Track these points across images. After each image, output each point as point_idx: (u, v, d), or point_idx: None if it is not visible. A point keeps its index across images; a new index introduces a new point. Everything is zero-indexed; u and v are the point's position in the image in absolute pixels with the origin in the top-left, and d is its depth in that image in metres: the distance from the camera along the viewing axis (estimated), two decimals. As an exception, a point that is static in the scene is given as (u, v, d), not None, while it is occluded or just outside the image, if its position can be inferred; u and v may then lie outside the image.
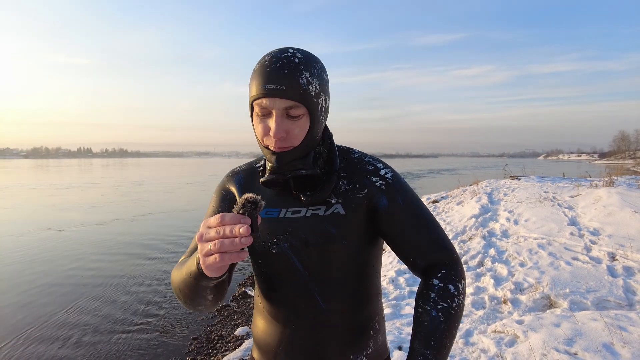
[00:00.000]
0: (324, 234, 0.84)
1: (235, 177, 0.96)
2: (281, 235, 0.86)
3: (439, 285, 0.83)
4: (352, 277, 0.88)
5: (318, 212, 0.85)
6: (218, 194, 0.96)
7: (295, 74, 0.77)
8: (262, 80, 0.77)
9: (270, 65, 0.78)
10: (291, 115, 0.79)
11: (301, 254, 0.86)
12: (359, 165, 0.90)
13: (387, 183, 0.87)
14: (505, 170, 12.16)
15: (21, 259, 7.17)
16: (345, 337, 0.89)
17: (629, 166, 23.53)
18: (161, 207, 14.27)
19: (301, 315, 0.88)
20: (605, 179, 8.24)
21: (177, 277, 0.80)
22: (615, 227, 4.93)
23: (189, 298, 0.79)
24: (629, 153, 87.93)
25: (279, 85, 0.76)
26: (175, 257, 7.41)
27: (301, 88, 0.77)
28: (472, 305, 3.53)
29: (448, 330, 0.78)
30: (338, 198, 0.86)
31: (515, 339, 2.76)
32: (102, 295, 5.36)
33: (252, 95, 0.80)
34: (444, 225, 6.77)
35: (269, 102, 0.78)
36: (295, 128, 0.80)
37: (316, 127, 0.83)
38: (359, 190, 0.87)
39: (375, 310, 0.93)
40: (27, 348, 3.95)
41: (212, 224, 0.64)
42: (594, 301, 3.29)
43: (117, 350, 3.92)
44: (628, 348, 2.33)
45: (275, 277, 0.89)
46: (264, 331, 0.93)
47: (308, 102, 0.79)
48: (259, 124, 0.81)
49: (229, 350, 3.72)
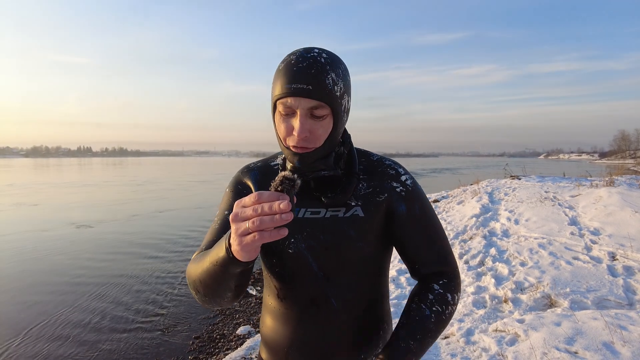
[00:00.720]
0: (342, 236, 0.85)
1: (251, 172, 0.95)
2: (299, 236, 0.86)
3: (438, 291, 0.85)
4: (365, 279, 0.90)
5: (337, 214, 0.86)
6: (233, 188, 0.94)
7: (322, 74, 0.76)
8: (288, 79, 0.76)
9: (296, 64, 0.77)
10: (315, 115, 0.78)
11: (318, 255, 0.86)
12: (380, 168, 0.91)
13: (407, 190, 0.88)
14: (505, 170, 12.16)
15: (46, 254, 7.25)
16: (357, 337, 0.90)
17: (629, 166, 23.52)
18: (180, 203, 14.96)
19: (314, 315, 0.88)
20: (606, 178, 8.24)
21: (197, 270, 0.77)
22: (616, 227, 4.94)
23: (210, 290, 0.76)
24: (630, 153, 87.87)
25: (305, 85, 0.75)
26: (188, 252, 7.45)
27: (327, 88, 0.77)
28: (473, 305, 3.55)
29: (435, 331, 0.81)
30: (358, 200, 0.87)
31: (516, 337, 2.78)
32: (106, 294, 5.38)
33: (277, 94, 0.78)
34: (445, 224, 6.78)
35: (294, 102, 0.77)
36: (319, 128, 0.79)
37: (339, 128, 0.82)
38: (379, 194, 0.87)
39: (385, 311, 0.95)
40: (31, 346, 3.97)
41: (248, 203, 0.61)
42: (595, 300, 3.30)
43: (120, 349, 3.93)
44: (628, 347, 2.35)
45: (290, 277, 0.89)
46: (274, 331, 0.93)
47: (333, 102, 0.78)
48: (281, 123, 0.80)
49: (231, 349, 3.73)
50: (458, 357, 2.68)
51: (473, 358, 2.66)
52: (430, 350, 2.82)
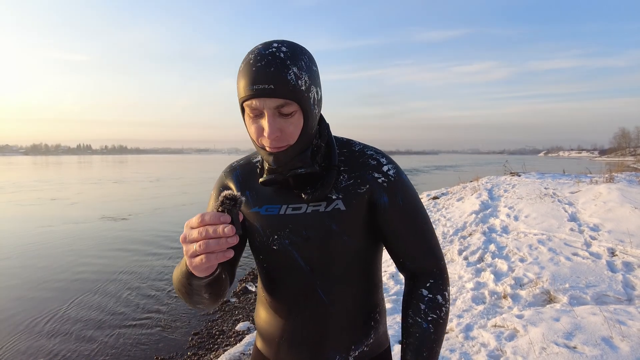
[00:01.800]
0: (324, 230, 0.84)
1: (232, 173, 0.95)
2: (282, 232, 0.86)
3: (428, 297, 0.85)
4: (353, 271, 0.89)
5: (319, 209, 0.85)
6: (217, 191, 0.95)
7: (282, 70, 0.73)
8: (249, 81, 0.74)
9: (255, 64, 0.74)
10: (283, 113, 0.76)
11: (302, 250, 0.86)
12: (361, 159, 0.88)
13: (389, 180, 0.86)
14: (505, 167, 12.17)
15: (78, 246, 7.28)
16: (347, 328, 0.90)
17: (629, 163, 23.52)
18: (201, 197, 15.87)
19: (303, 308, 0.89)
20: (606, 175, 8.24)
21: (175, 277, 0.80)
22: (615, 223, 4.94)
23: (186, 296, 0.79)
24: (630, 150, 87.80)
25: (267, 85, 0.73)
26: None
27: (290, 84, 0.74)
28: (472, 301, 3.55)
29: (437, 340, 0.83)
30: (339, 193, 0.85)
31: (515, 333, 2.78)
32: (108, 291, 5.39)
33: (241, 97, 0.76)
34: (444, 221, 6.78)
35: (259, 103, 0.75)
36: (289, 126, 0.77)
37: (310, 122, 0.80)
38: (360, 185, 0.85)
39: (376, 302, 0.94)
40: (28, 342, 3.98)
41: (194, 224, 0.64)
42: (594, 296, 3.30)
43: (119, 345, 3.94)
44: (627, 342, 2.35)
45: (277, 272, 0.90)
46: (266, 322, 0.95)
47: (299, 98, 0.75)
48: (251, 124, 0.79)
49: (230, 345, 3.74)
50: (457, 353, 2.68)
51: (472, 353, 2.66)
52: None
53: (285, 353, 0.92)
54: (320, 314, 0.89)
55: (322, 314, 0.88)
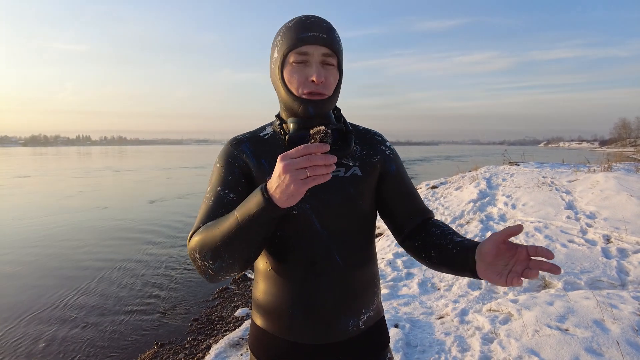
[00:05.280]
0: (343, 195, 0.91)
1: (242, 144, 0.95)
2: (303, 196, 0.89)
3: (438, 224, 0.95)
4: (364, 236, 0.96)
5: (338, 174, 0.92)
6: (224, 162, 0.93)
7: (332, 28, 0.87)
8: (303, 30, 0.84)
9: (307, 19, 0.86)
10: (327, 63, 0.86)
11: (322, 214, 0.89)
12: (368, 135, 1.02)
13: (393, 153, 1.02)
14: (504, 156, 12.17)
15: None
16: (359, 292, 0.94)
17: (629, 154, 23.49)
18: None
19: (319, 273, 0.90)
20: (604, 164, 8.26)
21: (216, 236, 0.76)
22: (611, 211, 4.97)
23: (237, 251, 0.75)
24: (630, 140, 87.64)
25: (321, 33, 0.84)
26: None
27: (336, 40, 0.87)
28: (468, 286, 3.59)
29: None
30: (355, 162, 0.94)
31: (509, 317, 2.82)
32: (110, 278, 5.44)
33: (290, 45, 0.84)
34: (442, 210, 6.81)
35: (309, 49, 0.84)
36: (330, 76, 0.86)
37: (341, 80, 0.90)
38: (373, 155, 0.98)
39: (377, 269, 1.01)
40: (32, 328, 4.03)
41: (296, 155, 0.65)
42: (588, 281, 3.34)
43: (120, 330, 3.99)
44: (618, 324, 2.39)
45: (293, 238, 0.89)
46: (274, 295, 0.92)
47: (339, 54, 0.87)
48: (294, 73, 0.85)
49: (229, 331, 3.78)
50: (452, 336, 2.73)
51: (466, 336, 2.71)
52: (425, 329, 2.87)
53: (299, 323, 0.91)
54: (336, 279, 0.90)
55: (337, 279, 0.91)
